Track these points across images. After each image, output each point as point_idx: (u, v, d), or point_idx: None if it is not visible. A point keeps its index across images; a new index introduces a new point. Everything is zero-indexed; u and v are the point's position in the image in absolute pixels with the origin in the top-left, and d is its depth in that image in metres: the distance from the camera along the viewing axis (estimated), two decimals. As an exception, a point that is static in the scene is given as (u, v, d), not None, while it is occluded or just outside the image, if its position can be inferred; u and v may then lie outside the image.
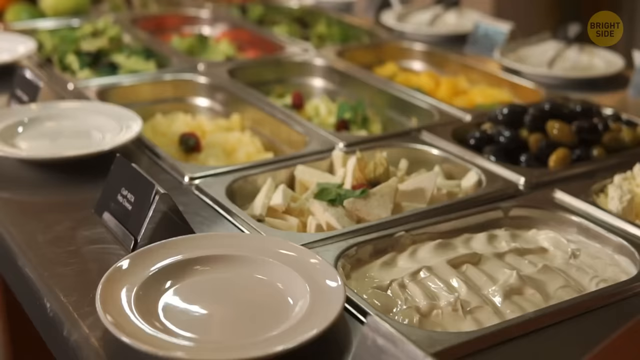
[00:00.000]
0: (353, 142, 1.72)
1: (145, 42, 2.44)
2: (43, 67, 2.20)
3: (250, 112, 1.99)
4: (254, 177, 1.56)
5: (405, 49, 2.47)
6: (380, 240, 1.33)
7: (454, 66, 2.38)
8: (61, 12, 2.65)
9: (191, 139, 1.82)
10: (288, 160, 1.63)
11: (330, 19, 2.76)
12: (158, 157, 1.65)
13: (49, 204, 1.48)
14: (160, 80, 2.12)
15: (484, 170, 1.59)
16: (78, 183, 1.56)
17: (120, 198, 1.36)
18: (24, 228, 1.38)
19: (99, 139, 1.68)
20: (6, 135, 1.67)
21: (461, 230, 1.40)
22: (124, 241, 1.31)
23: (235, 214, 1.41)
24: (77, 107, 1.81)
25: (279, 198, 1.46)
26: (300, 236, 1.34)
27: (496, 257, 1.31)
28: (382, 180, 1.52)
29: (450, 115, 1.90)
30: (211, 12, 2.83)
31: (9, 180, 1.58)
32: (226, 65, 2.23)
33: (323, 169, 1.63)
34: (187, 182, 1.54)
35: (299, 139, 1.80)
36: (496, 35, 2.39)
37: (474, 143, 1.74)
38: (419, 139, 1.76)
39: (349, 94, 2.21)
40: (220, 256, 1.20)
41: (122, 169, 1.39)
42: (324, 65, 2.28)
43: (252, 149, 1.82)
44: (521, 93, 2.16)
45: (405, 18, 2.71)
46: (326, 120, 2.08)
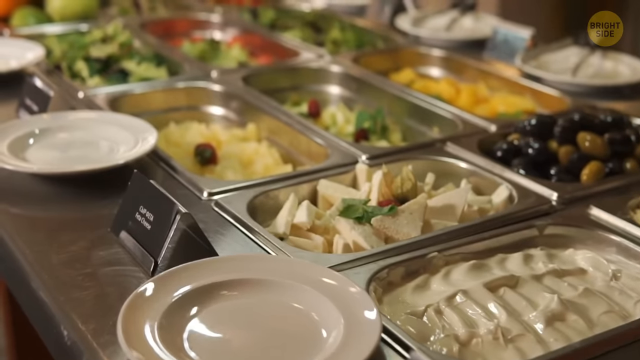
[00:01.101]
0: (376, 154, 1.66)
1: (155, 47, 2.38)
2: (52, 74, 2.14)
3: (266, 122, 1.92)
4: (276, 192, 1.50)
5: (423, 55, 2.41)
6: (412, 261, 1.27)
7: (472, 73, 2.32)
8: (68, 17, 2.59)
9: (207, 151, 1.76)
10: (310, 175, 1.57)
11: (343, 24, 2.69)
12: (174, 171, 1.58)
13: (62, 221, 1.41)
14: (173, 88, 2.06)
15: (515, 185, 1.53)
16: (92, 198, 1.49)
17: (139, 217, 1.30)
18: (37, 247, 1.31)
19: (112, 152, 1.61)
20: (17, 147, 1.60)
21: (495, 250, 1.34)
22: (143, 263, 1.25)
23: (257, 232, 1.35)
24: (89, 117, 1.75)
25: (303, 215, 1.40)
26: (328, 258, 1.28)
27: (534, 280, 1.25)
28: (410, 196, 1.46)
29: (474, 125, 1.83)
30: (221, 17, 2.77)
31: (20, 195, 1.51)
32: (240, 72, 2.16)
33: (346, 184, 1.57)
34: (205, 198, 1.48)
35: (318, 151, 1.74)
36: (516, 40, 2.33)
37: (501, 155, 1.68)
38: (444, 150, 1.69)
39: (366, 102, 2.15)
40: (248, 280, 1.14)
41: (140, 186, 1.33)
42: (340, 72, 2.22)
43: (270, 161, 1.76)
44: (544, 101, 2.10)
45: (421, 22, 2.64)
46: (344, 130, 2.02)
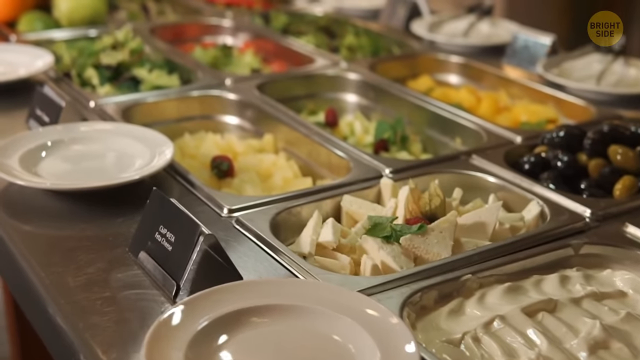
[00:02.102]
0: (400, 168, 1.60)
1: (166, 53, 2.32)
2: (61, 81, 2.08)
3: (283, 132, 1.87)
4: (298, 209, 1.44)
5: (441, 61, 2.35)
6: (445, 284, 1.21)
7: (492, 80, 2.26)
8: (77, 22, 2.53)
9: (224, 163, 1.70)
10: (333, 190, 1.51)
11: (357, 29, 2.63)
12: (192, 185, 1.53)
13: (78, 239, 1.35)
14: (187, 97, 2.00)
15: (546, 200, 1.47)
16: (107, 215, 1.44)
17: (159, 237, 1.24)
18: (53, 269, 1.26)
19: (128, 166, 1.55)
20: (29, 161, 1.55)
21: (530, 270, 1.28)
22: (164, 286, 1.19)
23: (282, 252, 1.29)
24: (103, 129, 1.69)
25: (328, 234, 1.34)
26: (357, 281, 1.22)
27: (573, 304, 1.20)
28: (439, 213, 1.40)
29: (499, 136, 1.78)
30: (233, 21, 2.71)
31: (32, 211, 1.45)
32: (255, 80, 2.10)
33: (370, 199, 1.52)
34: (225, 215, 1.42)
35: (339, 163, 1.68)
36: (537, 47, 2.27)
37: (528, 168, 1.63)
38: (470, 163, 1.64)
39: (384, 111, 2.10)
40: (278, 306, 1.08)
41: (159, 204, 1.27)
42: (357, 79, 2.16)
43: (289, 174, 1.70)
44: (568, 110, 2.04)
45: (437, 28, 2.58)
46: (362, 140, 1.96)
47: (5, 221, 1.43)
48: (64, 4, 2.53)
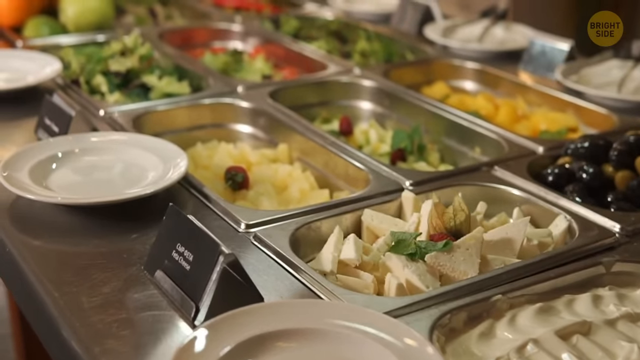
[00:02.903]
0: (420, 180, 1.55)
1: (175, 58, 2.27)
2: (69, 88, 2.04)
3: (298, 141, 1.82)
4: (318, 224, 1.40)
5: (456, 67, 2.31)
6: (474, 305, 1.17)
7: (508, 86, 2.21)
8: (83, 26, 2.48)
9: (239, 175, 1.65)
10: (353, 203, 1.46)
11: (369, 33, 2.58)
12: (207, 199, 1.48)
13: (91, 256, 1.31)
14: (198, 105, 1.95)
15: (572, 215, 1.42)
16: (120, 230, 1.39)
17: (176, 255, 1.20)
18: (66, 289, 1.21)
19: (141, 179, 1.51)
20: (39, 173, 1.50)
21: (561, 290, 1.23)
22: (182, 307, 1.15)
23: (303, 270, 1.24)
24: (114, 139, 1.64)
25: (351, 251, 1.30)
26: (383, 302, 1.17)
27: (608, 325, 1.15)
28: (464, 228, 1.35)
29: (520, 146, 1.73)
30: (242, 26, 2.66)
31: (43, 226, 1.41)
32: (267, 87, 2.05)
33: (391, 213, 1.47)
34: (243, 230, 1.38)
35: (356, 174, 1.64)
36: (554, 53, 2.22)
37: (552, 180, 1.58)
38: (493, 175, 1.59)
39: (399, 119, 2.05)
40: (305, 330, 1.03)
41: (176, 221, 1.23)
42: (371, 86, 2.11)
43: (305, 186, 1.66)
44: (588, 118, 1.99)
45: (450, 33, 2.54)
46: (378, 149, 1.92)
47: (14, 236, 1.38)
48: (71, 8, 2.49)
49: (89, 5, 2.49)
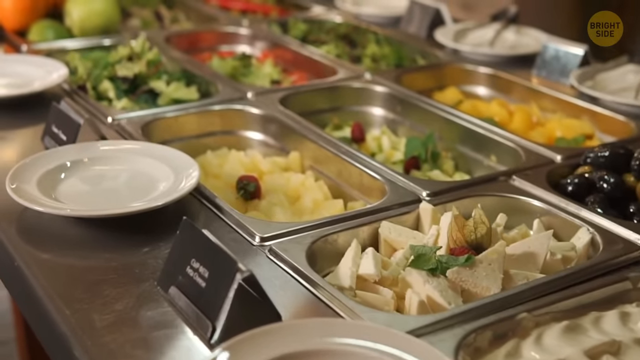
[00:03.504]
0: (437, 190, 1.51)
1: (183, 63, 2.23)
2: (76, 95, 2.00)
3: (310, 149, 1.78)
4: (334, 237, 1.36)
5: (468, 72, 2.27)
6: (499, 324, 1.13)
7: (522, 92, 2.17)
8: (89, 30, 2.44)
9: (251, 184, 1.61)
10: (369, 215, 1.43)
11: (378, 37, 2.55)
12: (219, 210, 1.44)
13: (102, 271, 1.27)
14: (208, 111, 1.92)
15: (595, 227, 1.39)
16: (131, 243, 1.35)
17: (190, 271, 1.16)
18: (78, 306, 1.17)
19: (152, 189, 1.47)
20: (47, 183, 1.47)
21: (587, 307, 1.20)
22: (198, 326, 1.11)
23: (321, 286, 1.21)
24: (123, 148, 1.60)
25: (370, 266, 1.26)
26: (405, 320, 1.14)
27: (637, 344, 1.11)
28: (485, 242, 1.32)
29: (537, 154, 1.69)
30: (250, 30, 2.62)
31: (51, 238, 1.37)
32: (277, 93, 2.02)
33: (409, 225, 1.43)
34: (257, 243, 1.34)
35: (371, 184, 1.60)
36: (568, 57, 2.19)
37: (572, 190, 1.54)
38: (511, 185, 1.55)
39: (411, 125, 2.01)
40: (327, 352, 1.00)
41: (191, 236, 1.19)
42: (383, 92, 2.07)
43: (319, 195, 1.62)
44: (605, 124, 1.96)
45: (461, 37, 2.50)
46: (391, 157, 1.88)
47: (22, 248, 1.34)
48: (76, 11, 2.45)
49: (95, 9, 2.45)
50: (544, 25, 2.60)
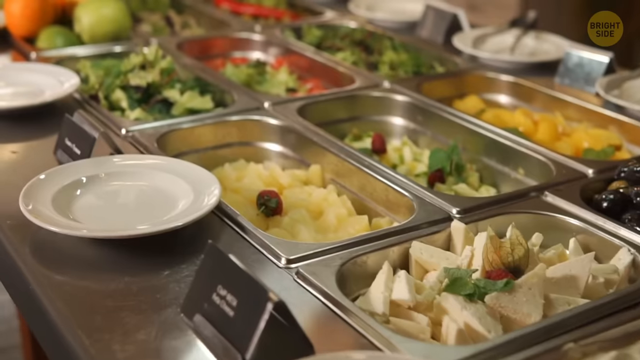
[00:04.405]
0: (468, 207, 1.45)
1: (196, 70, 2.17)
2: (88, 104, 1.94)
3: (331, 162, 1.72)
4: (364, 258, 1.30)
5: (490, 80, 2.20)
6: (544, 355, 1.07)
7: (544, 100, 2.11)
8: (99, 37, 2.38)
9: (272, 200, 1.55)
10: (398, 234, 1.37)
11: (394, 43, 2.49)
12: (241, 229, 1.38)
13: (122, 296, 1.21)
14: (224, 122, 1.86)
15: (636, 247, 1.33)
16: (151, 265, 1.29)
17: (217, 299, 1.10)
18: (97, 335, 1.11)
19: (171, 208, 1.41)
20: (62, 201, 1.40)
21: (634, 335, 1.14)
22: (225, 356, 1.05)
23: (353, 313, 1.15)
24: (141, 163, 1.54)
25: (404, 291, 1.20)
26: (446, 352, 1.08)
27: (690, 376, 1.06)
28: (522, 264, 1.26)
29: (567, 167, 1.63)
30: (263, 36, 2.56)
31: (68, 260, 1.31)
32: (295, 102, 1.95)
33: (439, 245, 1.37)
34: (283, 265, 1.28)
35: (398, 200, 1.54)
36: (592, 65, 2.12)
37: (607, 206, 1.48)
38: (545, 202, 1.49)
39: (433, 136, 1.95)
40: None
41: (217, 261, 1.13)
42: (404, 101, 2.01)
43: (342, 211, 1.56)
44: (632, 135, 1.90)
45: (481, 43, 2.44)
46: (413, 169, 1.82)
47: (37, 270, 1.28)
48: (86, 17, 2.38)
49: (105, 14, 2.39)
50: (548, 24, 2.54)
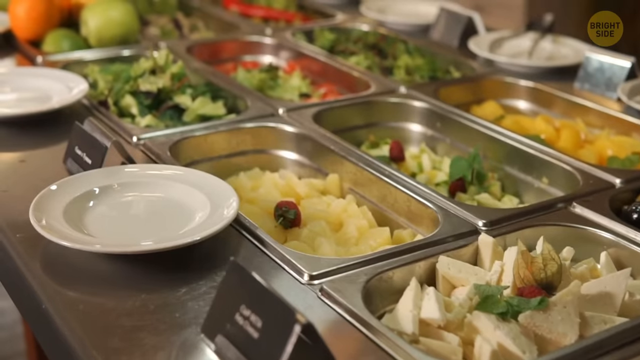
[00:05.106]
0: (494, 219, 1.40)
1: (207, 75, 2.12)
2: (97, 111, 1.88)
3: (349, 171, 1.67)
4: (389, 273, 1.25)
5: (508, 85, 2.15)
6: (584, 379, 1.02)
7: (564, 106, 2.06)
8: (107, 40, 2.33)
9: (291, 211, 1.50)
10: (424, 248, 1.32)
11: (408, 46, 2.44)
12: (261, 243, 1.33)
13: (138, 315, 1.16)
14: (238, 129, 1.80)
15: (671, 262, 1.28)
16: (168, 282, 1.24)
17: (240, 319, 1.05)
18: (115, 357, 1.06)
19: (187, 221, 1.36)
20: (74, 213, 1.35)
21: (676, 356, 1.09)
22: (250, 381, 1.00)
23: (382, 333, 1.10)
24: (156, 173, 1.49)
25: (434, 310, 1.15)
26: (483, 375, 1.03)
27: None
28: (555, 280, 1.21)
29: (594, 177, 1.58)
30: (274, 39, 2.51)
31: (81, 275, 1.26)
32: (310, 109, 1.90)
33: (466, 259, 1.32)
34: (306, 281, 1.23)
35: (420, 212, 1.49)
36: (614, 70, 2.07)
37: (637, 218, 1.43)
38: (573, 213, 1.44)
39: (452, 143, 1.90)
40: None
41: (240, 280, 1.08)
42: (422, 107, 1.96)
43: (363, 223, 1.51)
44: (657, 142, 1.85)
45: (497, 47, 2.39)
46: (433, 177, 1.77)
47: (50, 287, 1.23)
48: (93, 20, 2.33)
49: (113, 17, 2.34)
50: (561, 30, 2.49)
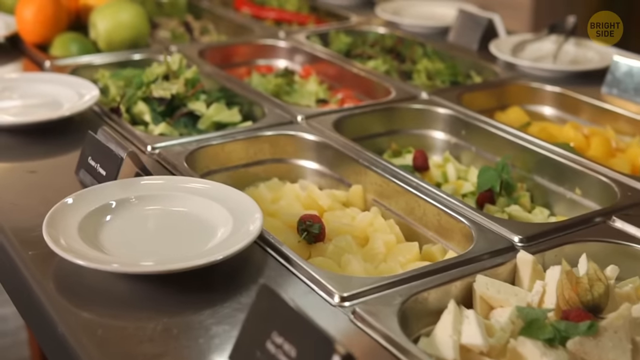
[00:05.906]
0: (530, 235, 1.33)
1: (221, 80, 2.05)
2: (109, 118, 1.81)
3: (373, 181, 1.60)
4: (425, 294, 1.18)
5: (533, 91, 2.08)
6: (643, 413, 0.95)
7: (592, 113, 1.99)
8: (116, 44, 2.26)
9: (315, 225, 1.43)
10: (459, 267, 1.24)
11: (427, 50, 2.36)
12: (287, 260, 1.26)
13: (161, 341, 1.09)
14: (257, 137, 1.73)
15: None
16: (187, 302, 1.18)
17: (272, 347, 0.98)
18: (137, 388, 1.00)
19: (208, 237, 1.28)
20: (90, 228, 1.28)
21: None
22: (283, 415, 0.93)
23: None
24: (174, 185, 1.42)
25: (476, 335, 1.08)
26: (533, 409, 0.96)
27: None
28: (602, 302, 1.14)
29: (632, 188, 1.51)
30: (288, 42, 2.43)
31: (97, 297, 1.19)
32: (330, 116, 1.83)
33: (503, 278, 1.25)
34: (337, 303, 1.16)
35: (451, 226, 1.42)
36: (643, 74, 2.00)
37: (680, 233, 1.36)
38: (613, 228, 1.37)
39: (477, 151, 1.83)
40: None
41: (270, 304, 1.01)
42: (446, 114, 1.89)
43: (391, 238, 1.44)
44: (692, 151, 1.78)
45: (519, 50, 2.32)
46: (459, 188, 1.70)
47: (65, 310, 1.16)
48: (102, 23, 2.26)
49: (122, 20, 2.27)
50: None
